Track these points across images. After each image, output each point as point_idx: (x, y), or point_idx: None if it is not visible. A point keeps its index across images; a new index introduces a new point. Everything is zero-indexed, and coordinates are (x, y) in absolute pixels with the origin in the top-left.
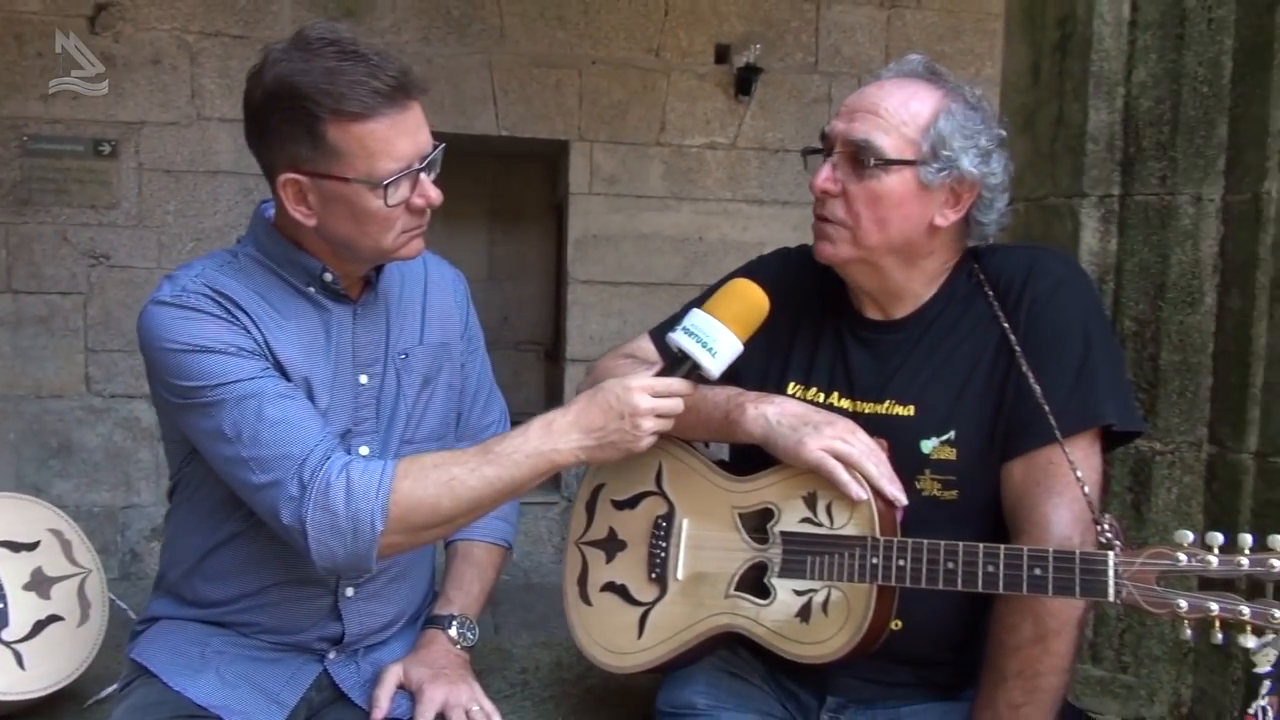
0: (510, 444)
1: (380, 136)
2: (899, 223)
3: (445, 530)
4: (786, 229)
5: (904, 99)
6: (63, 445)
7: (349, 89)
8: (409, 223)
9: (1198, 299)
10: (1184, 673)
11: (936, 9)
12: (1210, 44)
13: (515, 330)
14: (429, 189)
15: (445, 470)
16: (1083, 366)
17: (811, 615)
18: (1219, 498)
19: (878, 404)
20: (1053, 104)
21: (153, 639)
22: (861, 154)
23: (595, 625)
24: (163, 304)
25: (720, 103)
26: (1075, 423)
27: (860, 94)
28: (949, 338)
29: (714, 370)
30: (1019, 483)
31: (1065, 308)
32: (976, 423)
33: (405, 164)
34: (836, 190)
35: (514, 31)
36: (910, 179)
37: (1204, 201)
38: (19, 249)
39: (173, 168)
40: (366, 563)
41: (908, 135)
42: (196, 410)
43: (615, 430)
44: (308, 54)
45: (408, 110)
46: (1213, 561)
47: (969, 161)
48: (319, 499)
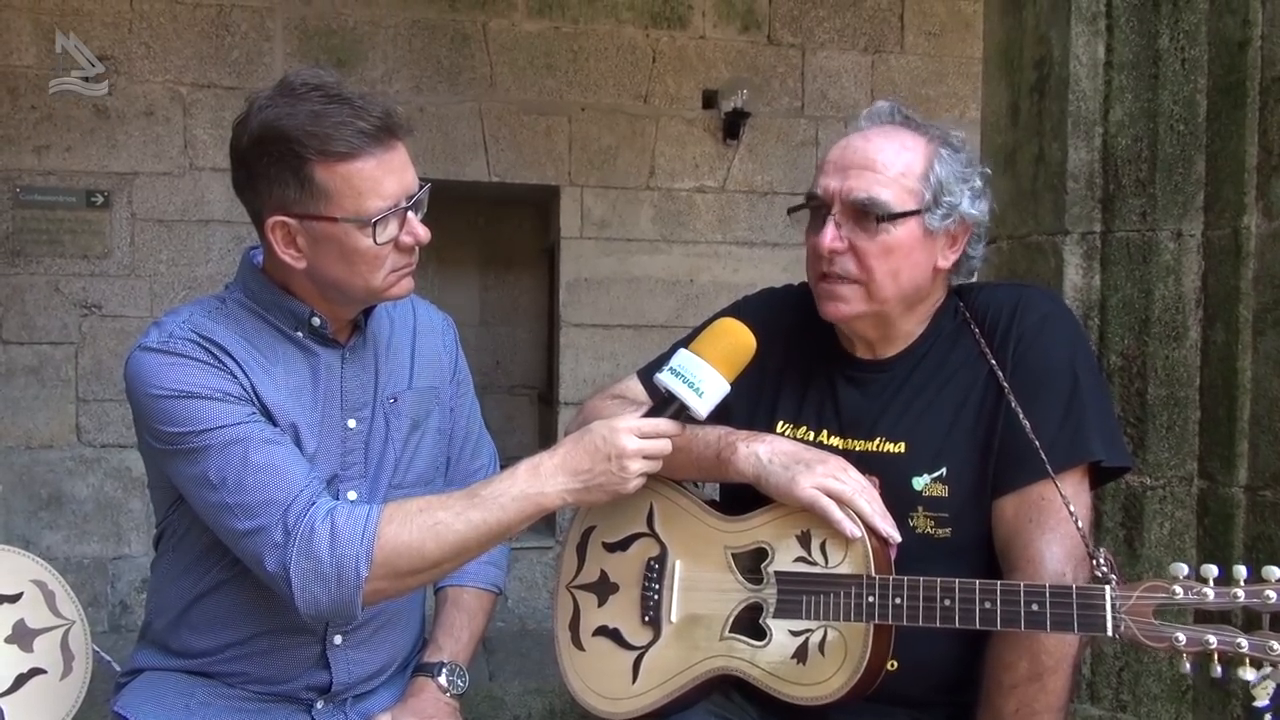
0: (497, 487)
1: (367, 175)
2: (909, 271)
3: (432, 575)
4: (776, 270)
5: (896, 150)
6: (53, 496)
7: (334, 130)
8: (398, 261)
9: (1182, 333)
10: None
11: (920, 53)
12: (1185, 83)
13: (508, 374)
14: (416, 227)
15: (431, 515)
16: (1070, 402)
17: (809, 656)
18: (1211, 532)
19: (868, 441)
20: (1033, 143)
21: (137, 691)
22: (867, 211)
23: (588, 671)
24: (149, 350)
25: (709, 147)
26: (1065, 459)
27: (846, 149)
28: (937, 374)
29: (701, 411)
30: (1011, 519)
31: (1052, 344)
32: (967, 459)
33: (393, 202)
34: (844, 248)
35: (504, 79)
36: (916, 228)
37: (1184, 237)
38: (10, 299)
39: (165, 217)
40: (352, 609)
41: (908, 186)
42: (182, 456)
43: (602, 472)
44: (292, 99)
45: (393, 150)
46: (1209, 594)
47: (967, 204)
48: (303, 545)
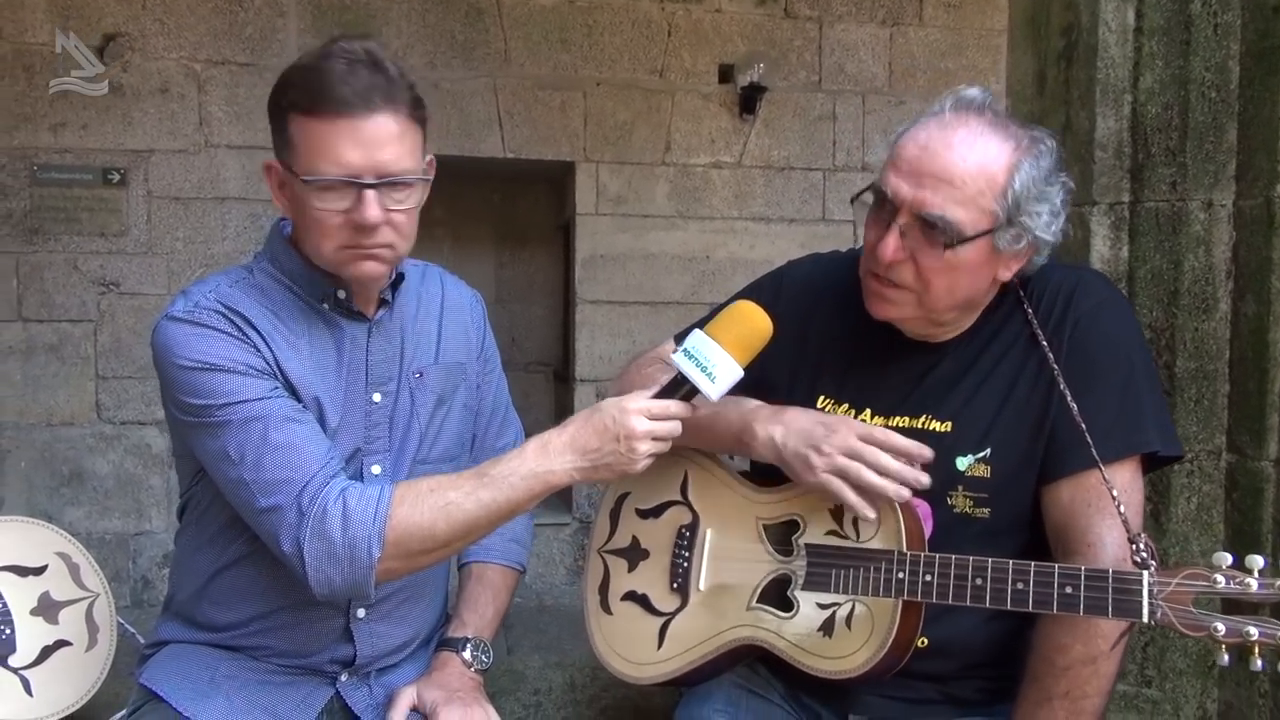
0: (506, 466)
1: (326, 136)
2: (968, 285)
3: (443, 555)
4: (794, 246)
5: (979, 161)
6: (74, 473)
7: (315, 85)
8: (349, 239)
9: (1212, 305)
10: (1209, 686)
11: (939, 26)
12: (1217, 49)
13: (524, 351)
14: (366, 208)
15: (441, 495)
16: (1126, 390)
17: (835, 629)
18: (1239, 506)
19: (914, 419)
20: (1059, 112)
21: (161, 663)
22: (935, 228)
23: (615, 635)
24: (175, 320)
25: (725, 122)
26: (1121, 448)
27: (926, 151)
28: (987, 353)
29: (712, 395)
30: (1067, 504)
31: (1109, 331)
32: (1015, 441)
33: (347, 173)
34: (905, 258)
35: (518, 55)
36: (984, 248)
37: (1215, 207)
38: (29, 278)
39: (181, 195)
40: (364, 589)
41: (984, 206)
42: (204, 429)
43: (610, 452)
44: (317, 54)
45: (371, 122)
46: (1252, 585)
47: (1043, 226)
48: (317, 526)
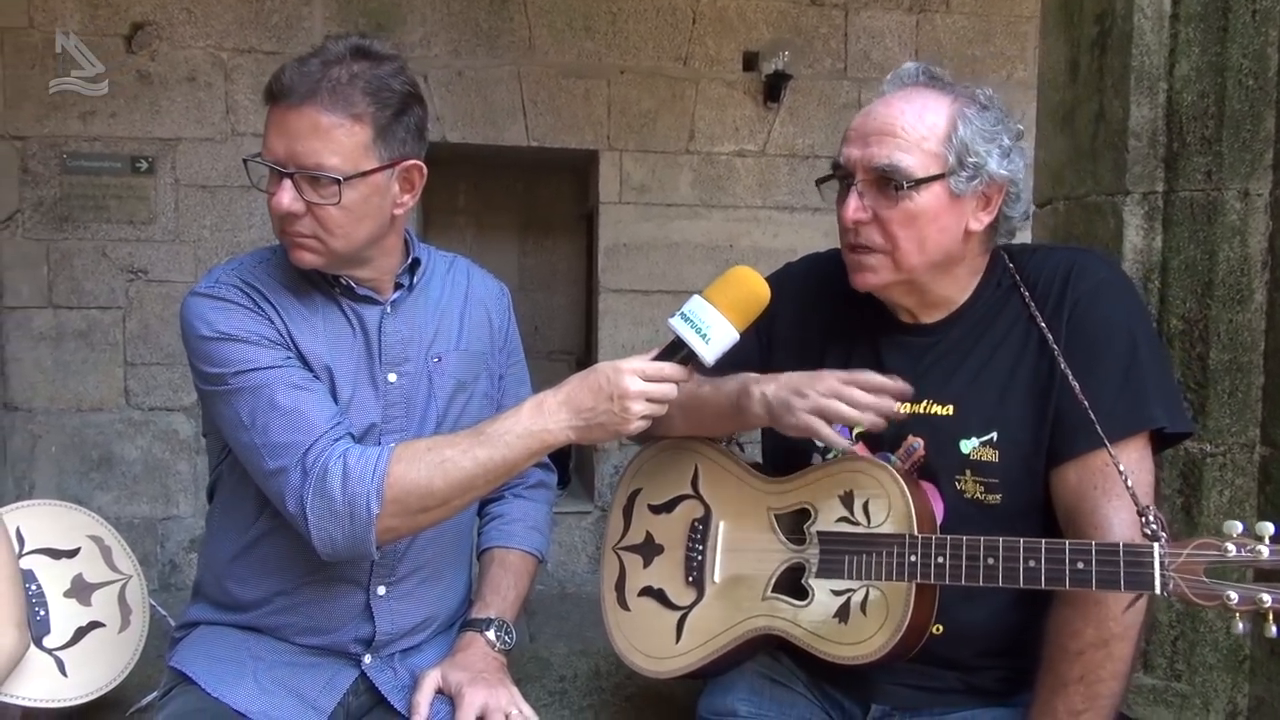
0: (502, 425)
1: (268, 122)
2: (936, 237)
3: (442, 513)
4: (818, 235)
5: (917, 113)
6: (103, 458)
7: (275, 74)
8: (277, 224)
9: (1247, 296)
10: (1240, 681)
11: (966, 12)
12: (1255, 36)
13: (547, 340)
14: (278, 194)
15: (438, 453)
16: (1130, 368)
17: (850, 615)
18: (1273, 500)
19: (915, 404)
20: (1093, 101)
21: (191, 646)
22: (888, 178)
23: (633, 630)
24: (197, 295)
25: (749, 110)
26: (1127, 426)
27: (868, 116)
28: (986, 338)
29: (708, 357)
30: (1074, 486)
31: (1109, 310)
32: (1021, 424)
33: (271, 158)
34: (867, 218)
35: (542, 42)
36: (941, 193)
37: (1251, 196)
38: (59, 265)
39: (208, 183)
40: (366, 547)
41: (930, 150)
42: (220, 398)
43: (604, 412)
44: (317, 47)
45: (292, 112)
46: (1264, 551)
47: (995, 163)
48: (318, 485)
